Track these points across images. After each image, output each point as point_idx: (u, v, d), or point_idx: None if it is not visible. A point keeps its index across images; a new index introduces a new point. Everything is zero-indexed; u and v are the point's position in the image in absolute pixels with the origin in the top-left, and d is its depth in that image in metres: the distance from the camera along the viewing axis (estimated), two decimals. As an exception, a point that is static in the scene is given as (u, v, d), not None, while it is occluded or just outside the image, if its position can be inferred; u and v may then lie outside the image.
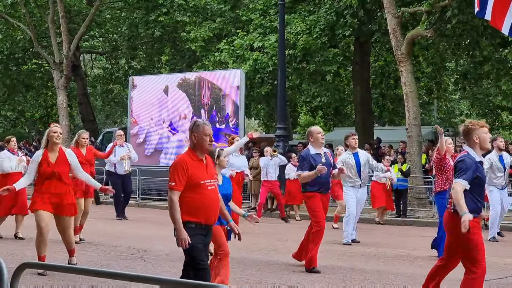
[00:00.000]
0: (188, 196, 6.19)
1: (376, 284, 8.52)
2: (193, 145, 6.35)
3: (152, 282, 4.06)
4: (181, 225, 6.12)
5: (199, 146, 6.32)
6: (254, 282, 8.44)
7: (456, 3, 19.14)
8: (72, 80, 31.03)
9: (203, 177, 6.27)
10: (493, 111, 34.67)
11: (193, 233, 6.16)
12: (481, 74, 25.17)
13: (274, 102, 26.13)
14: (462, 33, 21.26)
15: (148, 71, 31.42)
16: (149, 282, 4.09)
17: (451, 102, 39.22)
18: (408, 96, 19.53)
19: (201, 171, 6.29)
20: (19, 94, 35.15)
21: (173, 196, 6.16)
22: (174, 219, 6.14)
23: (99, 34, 34.65)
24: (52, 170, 8.78)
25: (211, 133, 6.33)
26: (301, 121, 41.26)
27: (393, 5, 19.67)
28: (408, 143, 19.78)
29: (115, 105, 38.46)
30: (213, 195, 6.35)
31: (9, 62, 32.59)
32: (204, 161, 6.37)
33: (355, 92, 26.71)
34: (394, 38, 19.58)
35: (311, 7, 24.28)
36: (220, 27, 26.25)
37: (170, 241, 12.46)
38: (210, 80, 22.05)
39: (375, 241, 12.93)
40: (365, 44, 25.71)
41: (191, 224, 6.19)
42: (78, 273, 5.27)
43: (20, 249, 11.02)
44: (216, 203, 6.42)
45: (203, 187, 6.24)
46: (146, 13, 27.91)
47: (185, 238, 6.10)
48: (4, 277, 4.30)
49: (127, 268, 9.34)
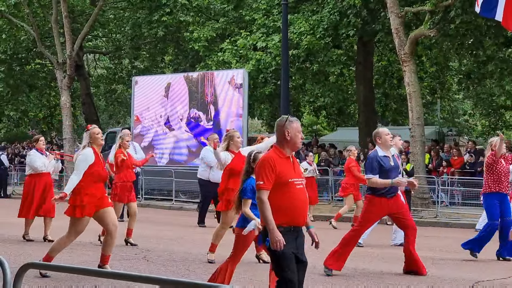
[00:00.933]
0: (275, 195, 5.83)
1: (379, 284, 8.52)
2: (284, 141, 5.97)
3: (155, 283, 4.06)
4: (274, 225, 5.71)
5: (292, 143, 5.96)
6: (257, 282, 8.43)
7: (460, 2, 19.11)
8: (75, 80, 31.04)
9: (291, 175, 5.91)
10: (496, 110, 34.61)
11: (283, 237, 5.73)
12: (485, 73, 25.12)
13: (277, 102, 26.09)
14: (465, 33, 21.23)
15: (151, 71, 31.45)
16: (152, 282, 4.09)
17: (455, 102, 39.16)
18: (411, 96, 19.51)
19: (289, 169, 5.93)
20: (22, 94, 35.18)
21: (262, 195, 5.80)
22: (267, 220, 5.74)
23: (102, 34, 34.67)
24: (105, 172, 8.72)
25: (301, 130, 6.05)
26: (304, 121, 41.23)
27: (396, 4, 19.65)
28: (411, 143, 19.76)
29: (118, 105, 38.46)
30: (302, 195, 5.96)
31: (12, 62, 32.64)
32: (291, 159, 6.02)
33: (358, 92, 26.69)
34: (397, 38, 19.57)
35: (315, 7, 24.26)
36: (223, 27, 26.24)
37: (171, 241, 12.50)
38: (214, 77, 22.15)
39: (378, 241, 12.92)
40: (368, 44, 25.69)
41: (279, 227, 5.76)
42: (81, 274, 5.26)
43: (24, 249, 11.04)
44: (306, 204, 6.02)
45: (291, 185, 5.88)
46: (149, 13, 27.92)
47: (280, 239, 5.67)
48: (7, 277, 4.30)
49: (130, 268, 9.34)
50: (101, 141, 8.72)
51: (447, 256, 11.43)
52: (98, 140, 8.67)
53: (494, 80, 26.91)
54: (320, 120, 37.71)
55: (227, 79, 21.80)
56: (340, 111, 35.05)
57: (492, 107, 34.25)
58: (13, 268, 4.36)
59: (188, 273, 9.12)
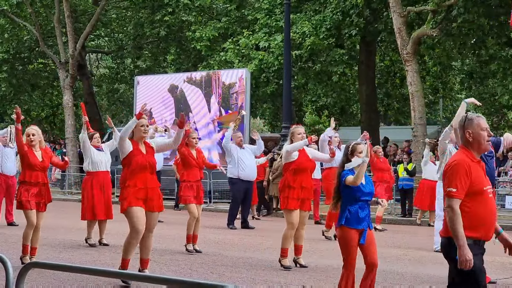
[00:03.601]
0: (468, 205, 5.10)
1: (381, 284, 8.51)
2: (468, 143, 5.26)
3: (157, 282, 4.07)
4: (465, 242, 5.00)
5: (476, 144, 5.23)
6: (260, 282, 8.43)
7: (462, 2, 19.11)
8: (77, 79, 31.05)
9: (484, 183, 5.19)
10: (499, 110, 34.57)
11: (472, 252, 5.03)
12: (487, 73, 25.11)
13: (279, 101, 26.11)
14: (468, 32, 21.22)
15: (153, 71, 31.46)
16: (154, 281, 4.09)
17: (457, 102, 39.08)
18: (414, 95, 19.51)
19: (482, 175, 5.21)
20: (25, 94, 35.20)
21: (454, 205, 5.05)
22: (457, 234, 5.01)
23: (105, 34, 34.71)
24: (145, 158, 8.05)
25: (488, 127, 5.28)
26: (306, 120, 41.21)
27: (399, 4, 19.64)
28: (413, 142, 19.75)
29: (120, 104, 38.50)
30: (494, 206, 5.27)
31: (15, 62, 32.66)
32: (480, 163, 5.28)
33: (360, 91, 26.68)
34: (400, 38, 19.56)
35: (317, 7, 24.26)
36: (226, 27, 26.25)
37: (173, 241, 12.49)
38: (219, 77, 22.16)
39: (380, 241, 12.90)
40: (371, 43, 25.68)
41: (469, 241, 5.05)
42: (83, 273, 5.26)
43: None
44: (496, 216, 5.33)
45: (485, 194, 5.16)
46: (152, 12, 27.94)
47: (471, 259, 4.96)
48: (10, 276, 4.31)
49: (132, 267, 9.34)
50: (143, 134, 8.14)
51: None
52: (140, 133, 8.13)
53: (497, 80, 26.89)
54: (322, 120, 37.65)
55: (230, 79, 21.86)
56: (342, 110, 35.02)
57: (494, 106, 34.20)
58: (16, 267, 4.36)
59: (191, 272, 9.12)
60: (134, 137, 8.13)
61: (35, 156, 9.29)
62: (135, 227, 7.98)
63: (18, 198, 9.36)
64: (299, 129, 9.64)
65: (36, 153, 9.37)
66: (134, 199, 7.94)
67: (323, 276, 9.01)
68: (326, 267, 9.60)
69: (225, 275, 8.92)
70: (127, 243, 8.14)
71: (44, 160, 9.34)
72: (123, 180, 8.08)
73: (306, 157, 9.54)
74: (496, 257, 10.79)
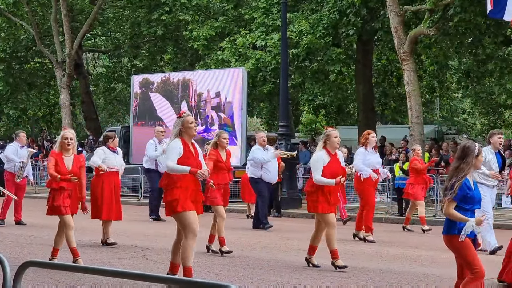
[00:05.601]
0: None
1: (378, 283, 8.52)
2: None
3: (154, 281, 4.07)
4: None
5: None
6: (256, 281, 8.43)
7: (459, 1, 19.12)
8: (74, 78, 31.06)
9: None
10: (496, 109, 34.65)
11: None
12: (484, 72, 25.13)
13: (276, 100, 26.09)
14: (465, 31, 21.24)
15: (150, 70, 31.45)
16: (152, 280, 4.09)
17: (454, 101, 39.18)
18: (411, 94, 19.52)
19: None
20: (21, 93, 35.20)
21: None
22: None
23: (102, 33, 34.69)
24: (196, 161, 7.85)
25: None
26: (303, 119, 41.23)
27: (395, 3, 19.66)
28: (410, 141, 19.76)
29: (117, 103, 38.49)
30: None
31: (12, 61, 32.65)
32: None
33: (357, 90, 26.69)
34: (396, 37, 19.57)
35: (314, 6, 24.26)
36: (223, 26, 26.23)
37: (171, 240, 12.46)
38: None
39: (377, 240, 12.91)
40: (368, 42, 25.69)
41: None
42: (80, 272, 5.26)
43: (24, 248, 11.03)
44: None
45: None
46: (149, 11, 27.92)
47: None
48: (7, 275, 4.30)
49: (129, 266, 9.34)
50: (194, 132, 7.87)
51: (446, 255, 11.41)
52: (191, 131, 7.85)
53: (494, 79, 26.94)
54: (319, 119, 37.68)
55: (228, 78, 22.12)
56: (339, 109, 35.06)
57: (491, 105, 34.29)
58: (13, 266, 4.36)
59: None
60: (183, 135, 7.82)
61: (63, 165, 9.13)
62: (193, 228, 7.71)
63: (49, 204, 9.29)
64: (336, 132, 9.41)
65: (67, 158, 9.21)
66: (187, 201, 7.70)
67: (320, 275, 9.01)
68: (326, 267, 9.60)
69: (222, 274, 8.92)
70: (186, 248, 7.73)
71: (73, 167, 9.18)
72: (172, 181, 7.73)
73: (338, 163, 9.41)
74: (497, 256, 10.80)
